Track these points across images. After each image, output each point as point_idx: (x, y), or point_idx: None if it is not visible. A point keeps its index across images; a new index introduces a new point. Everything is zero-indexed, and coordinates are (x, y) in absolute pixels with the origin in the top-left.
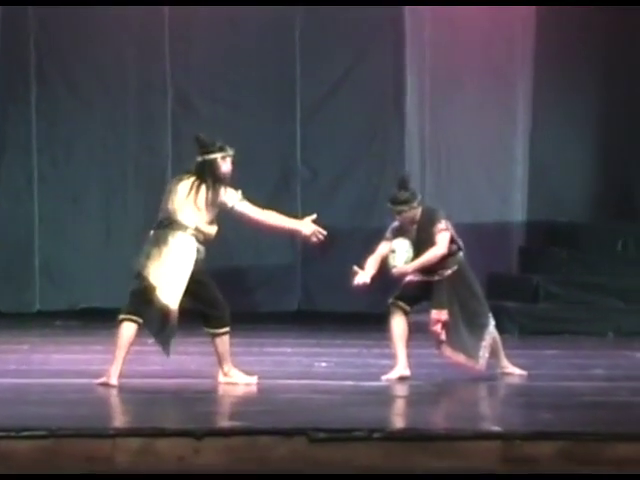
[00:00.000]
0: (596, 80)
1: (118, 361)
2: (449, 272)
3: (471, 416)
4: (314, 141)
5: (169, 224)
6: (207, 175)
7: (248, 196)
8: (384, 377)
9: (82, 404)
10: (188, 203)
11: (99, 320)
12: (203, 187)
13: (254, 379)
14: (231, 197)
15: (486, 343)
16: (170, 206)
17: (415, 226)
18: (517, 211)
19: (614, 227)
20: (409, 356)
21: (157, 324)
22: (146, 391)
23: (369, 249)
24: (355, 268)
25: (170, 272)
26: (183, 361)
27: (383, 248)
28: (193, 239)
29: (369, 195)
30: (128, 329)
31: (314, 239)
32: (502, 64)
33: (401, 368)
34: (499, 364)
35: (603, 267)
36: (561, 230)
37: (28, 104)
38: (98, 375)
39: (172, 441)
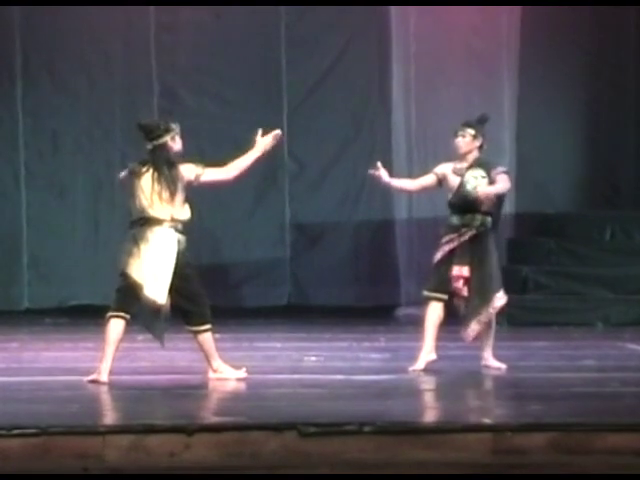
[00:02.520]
0: (582, 70)
1: (108, 358)
2: (473, 232)
3: (461, 409)
4: (300, 133)
5: (145, 222)
6: (161, 162)
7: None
8: (411, 368)
9: (72, 401)
10: (156, 196)
11: (89, 317)
12: (162, 176)
13: (243, 372)
14: (191, 171)
15: (482, 318)
16: (140, 204)
17: (464, 164)
18: (505, 202)
19: (601, 217)
20: (398, 348)
21: (149, 318)
22: (136, 388)
23: (358, 241)
24: (378, 163)
25: (153, 268)
26: (173, 357)
27: (428, 178)
28: (172, 231)
29: (356, 187)
30: (116, 326)
31: (274, 142)
32: (488, 54)
33: (426, 354)
34: (481, 354)
35: (591, 257)
36: (549, 221)
37: (14, 99)
38: (88, 372)
39: (163, 437)
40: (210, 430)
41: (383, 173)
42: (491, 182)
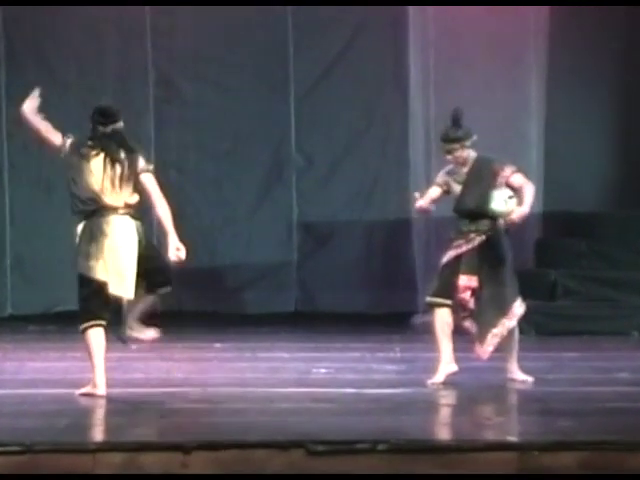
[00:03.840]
0: (615, 60)
1: (99, 369)
2: (483, 237)
3: (484, 425)
4: (309, 125)
5: (97, 210)
6: (119, 145)
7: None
8: (429, 382)
9: (60, 416)
10: (108, 182)
11: (76, 324)
12: (118, 162)
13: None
14: (142, 163)
15: (497, 332)
16: (90, 188)
17: (465, 170)
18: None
19: (636, 216)
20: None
21: (114, 317)
22: (129, 401)
23: (371, 242)
24: (416, 194)
25: (117, 264)
26: (169, 368)
27: (433, 192)
28: (127, 218)
29: (369, 183)
30: (96, 335)
31: (173, 258)
32: (514, 39)
33: (445, 365)
34: (505, 366)
35: (625, 260)
36: (579, 221)
37: None
38: (76, 384)
39: (158, 456)
40: (209, 448)
41: (422, 200)
42: (506, 185)
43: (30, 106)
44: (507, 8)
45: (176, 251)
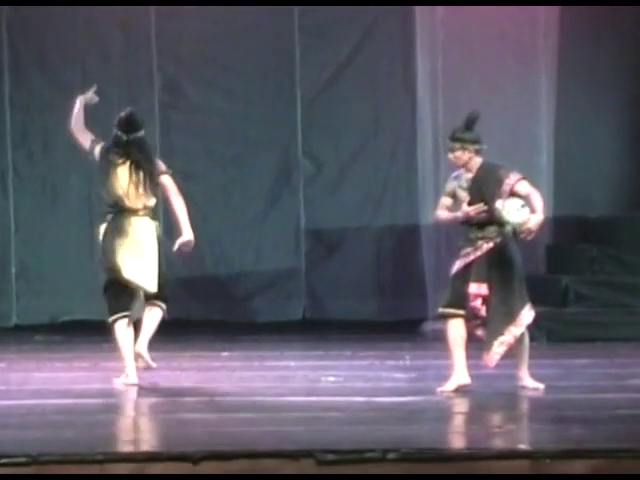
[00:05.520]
0: (627, 61)
1: (129, 359)
2: (490, 244)
3: (495, 433)
4: (316, 130)
5: (120, 213)
6: (142, 152)
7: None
8: (439, 389)
9: (66, 427)
10: (132, 188)
11: (83, 334)
12: (142, 169)
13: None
14: (163, 167)
15: (505, 339)
16: (115, 193)
17: (469, 175)
18: None
19: None
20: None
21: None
22: (137, 411)
23: (380, 248)
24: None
25: (139, 259)
26: (177, 377)
27: (446, 201)
28: (147, 219)
29: (378, 188)
30: (123, 327)
31: (182, 247)
32: (523, 42)
33: (458, 376)
34: (516, 373)
35: (638, 265)
36: (591, 226)
37: (1, 94)
38: (83, 394)
39: (166, 466)
40: (218, 458)
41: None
42: (511, 193)
43: (79, 120)
44: (517, 10)
45: (185, 244)
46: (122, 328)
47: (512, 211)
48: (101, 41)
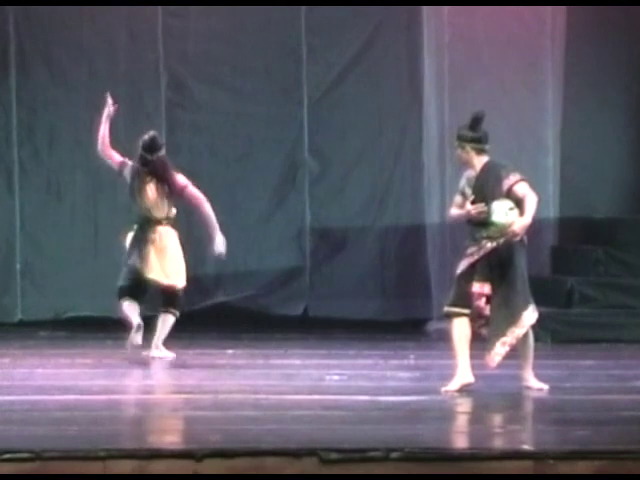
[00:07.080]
0: (633, 64)
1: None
2: (494, 244)
3: (499, 434)
4: (322, 129)
5: (146, 222)
6: (165, 171)
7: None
8: (443, 389)
9: (70, 423)
10: (158, 200)
11: (87, 330)
12: (165, 185)
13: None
14: (183, 180)
15: (507, 340)
16: (144, 208)
17: (473, 174)
18: (548, 206)
19: None
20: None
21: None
22: (141, 408)
23: (385, 248)
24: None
25: (169, 262)
26: (180, 375)
27: (459, 199)
28: (169, 228)
29: (383, 188)
30: (131, 303)
31: (218, 250)
32: (530, 43)
33: (461, 376)
34: (521, 374)
35: None
36: (596, 227)
37: (8, 91)
38: (87, 391)
39: (169, 463)
40: (221, 456)
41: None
42: (508, 193)
43: (105, 140)
44: (524, 11)
45: (221, 245)
46: (127, 304)
47: (498, 213)
48: (107, 39)
